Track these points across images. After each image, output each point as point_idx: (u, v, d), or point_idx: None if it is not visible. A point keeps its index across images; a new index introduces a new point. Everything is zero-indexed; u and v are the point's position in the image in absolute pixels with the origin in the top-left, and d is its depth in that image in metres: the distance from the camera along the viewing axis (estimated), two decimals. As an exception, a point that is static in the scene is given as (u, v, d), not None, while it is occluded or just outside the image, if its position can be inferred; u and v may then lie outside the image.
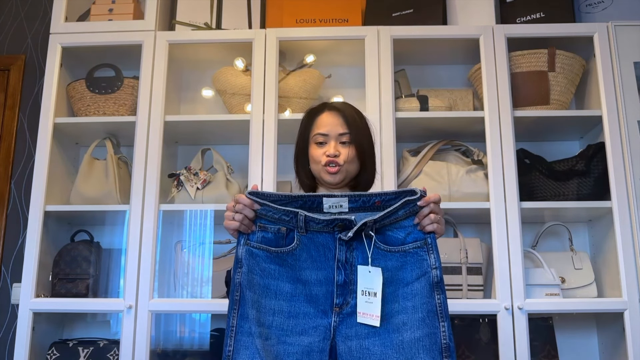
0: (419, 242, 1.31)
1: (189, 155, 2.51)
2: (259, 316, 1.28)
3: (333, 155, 1.51)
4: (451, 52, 2.51)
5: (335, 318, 1.28)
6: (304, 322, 1.28)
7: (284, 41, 2.37)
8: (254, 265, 1.30)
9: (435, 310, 1.25)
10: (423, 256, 1.29)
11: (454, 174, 2.26)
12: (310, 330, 1.27)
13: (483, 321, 2.19)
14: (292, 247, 1.31)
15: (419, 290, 1.27)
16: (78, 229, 2.42)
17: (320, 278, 1.30)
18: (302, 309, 1.29)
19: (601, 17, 2.47)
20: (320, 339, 1.27)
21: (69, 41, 2.39)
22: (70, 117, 2.43)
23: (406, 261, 1.29)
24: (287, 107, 2.41)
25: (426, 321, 1.24)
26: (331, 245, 1.30)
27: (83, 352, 2.19)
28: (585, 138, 2.48)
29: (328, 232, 1.31)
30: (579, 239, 2.43)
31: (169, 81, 2.37)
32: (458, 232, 2.28)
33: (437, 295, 1.26)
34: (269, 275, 1.30)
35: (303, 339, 1.27)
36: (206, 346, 2.30)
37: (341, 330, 1.27)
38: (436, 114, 2.31)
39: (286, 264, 1.31)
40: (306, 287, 1.30)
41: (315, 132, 1.56)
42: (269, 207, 1.31)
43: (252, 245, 1.31)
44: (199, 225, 2.37)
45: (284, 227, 1.32)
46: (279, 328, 1.27)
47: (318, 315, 1.29)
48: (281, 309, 1.29)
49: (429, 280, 1.27)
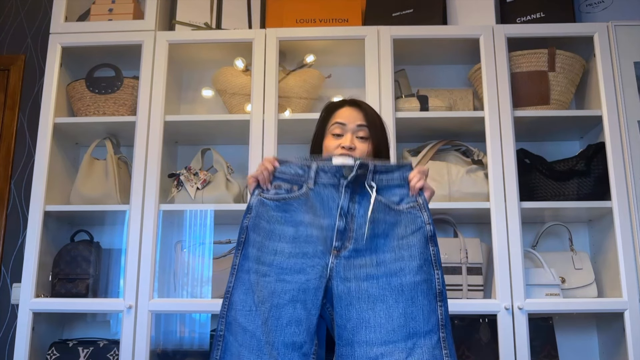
0: (412, 203, 1.39)
1: (189, 155, 2.51)
2: (260, 255, 1.35)
3: (348, 147, 1.50)
4: (451, 52, 2.51)
5: (332, 259, 1.34)
6: (302, 261, 1.34)
7: (284, 41, 2.37)
8: (262, 212, 1.39)
9: (430, 260, 1.35)
10: (416, 214, 1.38)
11: (454, 174, 2.26)
12: (308, 268, 1.33)
13: (483, 321, 2.19)
14: (301, 194, 1.38)
15: (415, 242, 1.35)
16: (78, 229, 2.42)
17: (322, 224, 1.36)
18: (301, 249, 1.35)
19: (601, 17, 2.47)
20: (317, 277, 1.32)
21: (69, 41, 2.39)
22: (70, 117, 2.43)
23: (401, 219, 1.38)
24: (287, 107, 2.41)
25: (423, 268, 1.33)
26: (336, 196, 1.37)
27: (83, 352, 2.19)
28: (585, 138, 2.48)
29: (334, 185, 1.38)
30: (579, 239, 2.43)
31: (169, 81, 2.37)
32: (458, 232, 2.28)
33: (431, 246, 1.36)
34: (275, 221, 1.38)
35: (300, 276, 1.32)
36: (206, 346, 2.30)
37: (339, 271, 1.33)
38: (436, 114, 2.31)
39: (291, 209, 1.38)
40: (308, 230, 1.36)
41: (334, 121, 1.54)
42: (288, 163, 1.43)
43: (264, 196, 1.40)
44: (199, 225, 2.37)
45: (296, 186, 1.40)
46: (279, 267, 1.34)
47: (316, 255, 1.34)
48: (282, 250, 1.35)
49: (424, 233, 1.36)
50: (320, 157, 1.45)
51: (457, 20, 2.45)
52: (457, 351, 2.17)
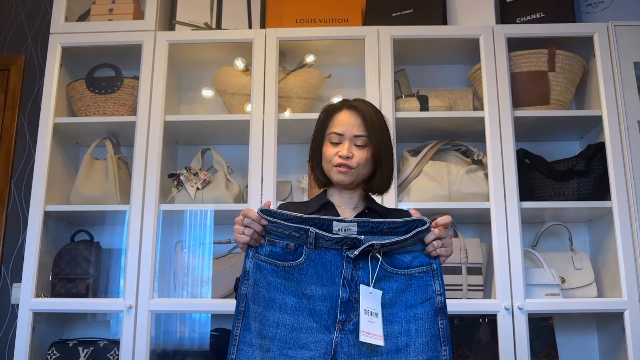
0: (425, 266, 1.32)
1: (189, 155, 2.51)
2: (262, 329, 1.29)
3: (345, 156, 1.47)
4: (451, 52, 2.51)
5: (337, 334, 1.28)
6: (306, 336, 1.28)
7: (284, 41, 2.37)
8: (260, 278, 1.31)
9: (438, 335, 1.27)
10: (428, 281, 1.31)
11: (454, 174, 2.26)
12: (312, 344, 1.28)
13: (483, 321, 2.19)
14: (300, 261, 1.32)
15: (423, 314, 1.28)
16: (78, 229, 2.42)
17: (325, 294, 1.30)
18: (305, 323, 1.29)
19: (601, 17, 2.47)
20: (321, 354, 1.27)
21: (69, 41, 2.39)
22: (70, 117, 2.43)
23: (411, 284, 1.30)
24: (287, 107, 2.41)
25: (429, 345, 1.26)
26: (338, 262, 1.31)
27: (83, 352, 2.19)
28: (585, 138, 2.48)
29: (336, 250, 1.32)
30: (579, 239, 2.43)
31: (169, 81, 2.37)
32: (458, 232, 2.28)
33: (440, 320, 1.28)
34: (274, 289, 1.31)
35: (304, 352, 1.27)
36: (206, 346, 2.30)
37: (343, 347, 1.27)
38: (436, 114, 2.31)
39: (292, 278, 1.31)
40: (310, 302, 1.30)
41: (331, 131, 1.51)
42: (280, 224, 1.33)
43: (260, 258, 1.33)
44: (199, 225, 2.37)
45: (292, 243, 1.33)
46: (282, 341, 1.28)
47: (320, 330, 1.29)
48: (284, 322, 1.29)
49: (434, 305, 1.29)
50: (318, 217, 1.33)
51: (457, 20, 2.45)
52: (457, 351, 2.17)
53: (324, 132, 1.54)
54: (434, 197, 2.23)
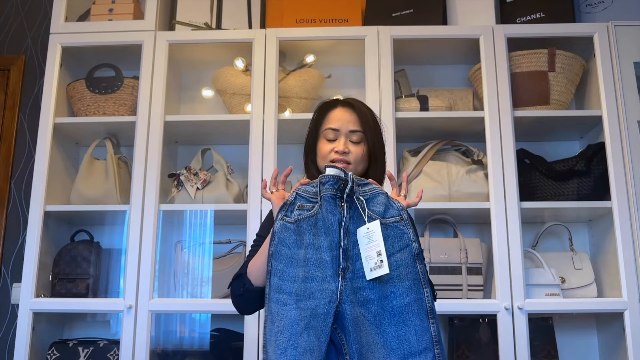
0: (395, 217, 1.38)
1: (189, 155, 2.51)
2: (281, 284, 1.34)
3: (342, 152, 1.49)
4: (451, 52, 2.51)
5: (341, 282, 1.32)
6: (311, 285, 1.32)
7: (284, 41, 2.37)
8: (284, 237, 1.37)
9: (418, 278, 1.34)
10: (403, 230, 1.37)
11: (454, 174, 2.26)
12: (317, 293, 1.31)
13: (483, 321, 2.19)
14: (310, 214, 1.37)
15: (403, 260, 1.35)
16: (78, 229, 2.42)
17: (329, 244, 1.35)
18: (312, 273, 1.33)
19: (601, 17, 2.47)
20: (326, 302, 1.30)
21: (69, 41, 2.39)
22: (70, 117, 2.43)
23: (388, 234, 1.36)
24: (287, 107, 2.41)
25: (412, 288, 1.33)
26: (335, 211, 1.36)
27: (83, 352, 2.19)
28: (585, 138, 2.48)
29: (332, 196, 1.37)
30: (579, 239, 2.43)
31: (169, 81, 2.37)
32: (458, 232, 2.28)
33: (418, 264, 1.35)
34: (295, 246, 1.36)
35: (310, 302, 1.31)
36: (206, 346, 2.30)
37: (348, 294, 1.31)
38: (436, 114, 2.31)
39: (304, 231, 1.37)
40: (317, 252, 1.35)
41: (326, 127, 1.53)
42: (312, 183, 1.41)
43: (287, 220, 1.38)
44: (199, 225, 2.37)
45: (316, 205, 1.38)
46: (296, 294, 1.32)
47: (325, 279, 1.33)
48: (298, 276, 1.33)
49: (411, 252, 1.36)
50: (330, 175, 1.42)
51: (457, 20, 2.45)
52: (457, 351, 2.17)
53: (319, 129, 1.56)
54: (434, 197, 2.23)
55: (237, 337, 2.23)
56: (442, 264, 2.19)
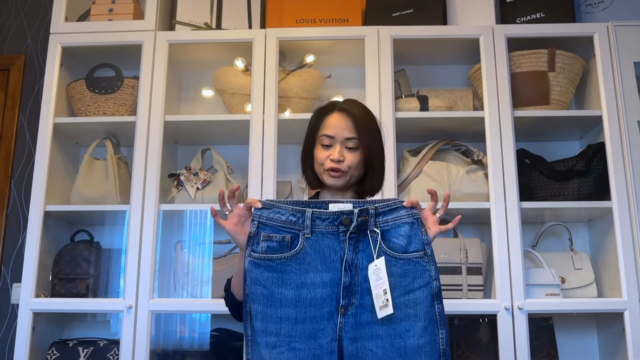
0: (420, 252, 1.34)
1: (189, 155, 2.51)
2: (266, 326, 1.29)
3: (337, 160, 1.48)
4: (451, 52, 2.51)
5: (341, 319, 1.29)
6: (310, 326, 1.29)
7: (284, 41, 2.37)
8: (257, 275, 1.31)
9: (435, 319, 1.30)
10: (425, 267, 1.33)
11: (454, 174, 2.26)
12: (318, 333, 1.28)
13: (483, 321, 2.19)
14: (296, 250, 1.32)
15: (422, 299, 1.31)
16: (78, 229, 2.42)
17: (325, 280, 1.31)
18: (308, 314, 1.29)
19: (601, 17, 2.47)
20: (329, 340, 1.28)
21: (69, 41, 2.39)
22: (70, 117, 2.43)
23: (409, 269, 1.32)
24: (287, 107, 2.41)
25: (428, 329, 1.29)
26: (337, 247, 1.32)
27: (83, 352, 2.19)
28: (585, 138, 2.48)
29: (333, 233, 1.33)
30: (579, 239, 2.43)
31: (169, 81, 2.37)
32: (458, 232, 2.28)
33: (437, 304, 1.32)
34: (272, 284, 1.31)
35: (311, 342, 1.28)
36: (206, 346, 2.29)
37: (347, 331, 1.29)
38: (436, 114, 2.31)
39: (290, 269, 1.31)
40: (310, 291, 1.31)
41: (322, 133, 1.51)
42: (277, 208, 1.34)
43: (255, 256, 1.33)
44: (199, 225, 2.37)
45: (289, 236, 1.33)
46: (287, 335, 1.28)
47: (324, 317, 1.29)
48: (287, 316, 1.29)
49: (431, 290, 1.32)
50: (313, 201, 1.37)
51: (457, 20, 2.45)
52: (457, 351, 2.17)
53: (315, 134, 1.54)
54: (434, 197, 2.23)
55: (237, 337, 2.23)
56: (442, 264, 2.18)
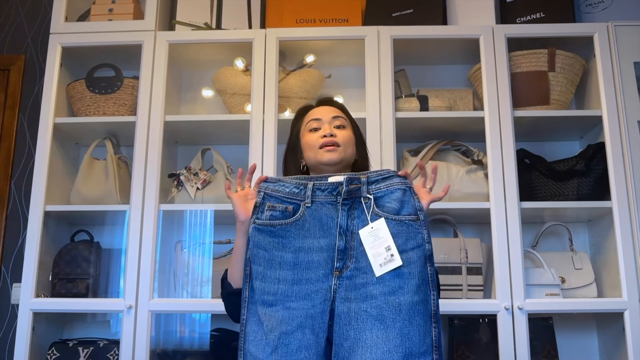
0: (412, 215, 1.38)
1: (189, 155, 2.51)
2: (264, 286, 1.35)
3: (329, 134, 1.52)
4: (451, 52, 2.51)
5: (335, 281, 1.33)
6: (306, 287, 1.33)
7: (284, 41, 2.37)
8: (259, 240, 1.38)
9: (427, 280, 1.33)
10: (418, 229, 1.36)
11: (454, 174, 2.26)
12: (312, 294, 1.32)
13: (483, 321, 2.19)
14: (296, 217, 1.38)
15: (415, 259, 1.33)
16: (78, 229, 2.42)
17: (322, 245, 1.35)
18: (304, 275, 1.34)
19: (601, 17, 2.47)
20: (321, 301, 1.32)
21: (69, 41, 2.39)
22: (70, 117, 2.43)
23: (402, 230, 1.35)
24: (287, 107, 2.41)
25: (421, 288, 1.31)
26: (334, 214, 1.37)
27: (83, 352, 2.19)
28: (585, 138, 2.48)
29: (331, 202, 1.38)
30: (579, 239, 2.43)
31: (169, 81, 2.37)
32: (458, 232, 2.28)
33: (429, 267, 1.34)
34: (273, 248, 1.37)
35: (305, 302, 1.32)
36: (206, 346, 2.29)
37: (341, 293, 1.32)
38: (436, 114, 2.31)
39: (289, 234, 1.37)
40: (308, 255, 1.35)
41: (307, 121, 1.58)
42: (283, 181, 1.42)
43: (259, 223, 1.39)
44: (199, 225, 2.37)
45: (291, 206, 1.39)
46: (284, 295, 1.33)
47: (319, 279, 1.34)
48: (285, 278, 1.34)
49: (424, 252, 1.35)
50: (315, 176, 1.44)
51: (457, 20, 2.45)
52: (457, 351, 2.17)
53: (299, 129, 1.61)
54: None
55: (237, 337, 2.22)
56: (442, 264, 2.18)
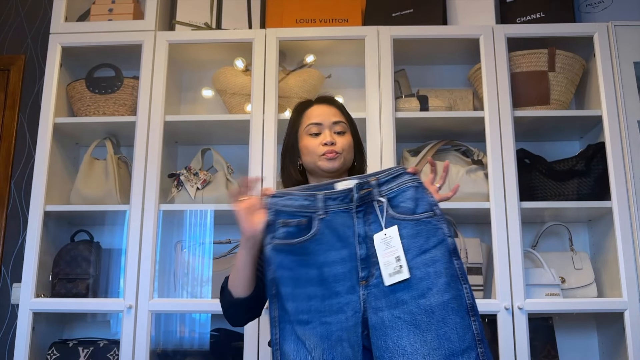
0: (428, 212, 1.34)
1: (189, 155, 2.51)
2: (297, 305, 1.31)
3: (330, 142, 1.51)
4: (451, 52, 2.51)
5: (363, 291, 1.30)
6: (337, 300, 1.30)
7: (284, 41, 2.37)
8: (281, 260, 1.33)
9: (456, 275, 1.29)
10: (437, 225, 1.32)
11: (454, 174, 2.26)
12: (344, 306, 1.29)
13: (483, 321, 2.19)
14: (313, 233, 1.33)
15: (439, 257, 1.29)
16: (78, 229, 2.42)
17: (344, 256, 1.32)
18: (333, 289, 1.31)
19: (601, 17, 2.47)
20: (353, 313, 1.29)
21: (69, 41, 2.39)
22: (70, 117, 2.43)
23: (420, 230, 1.32)
24: (287, 107, 2.41)
25: (451, 284, 1.27)
26: (349, 222, 1.33)
27: (83, 352, 2.19)
28: (585, 138, 2.48)
29: (345, 210, 1.34)
30: (579, 239, 2.43)
31: (169, 81, 2.37)
32: (458, 232, 2.28)
33: (455, 260, 1.30)
34: (296, 266, 1.32)
35: (340, 316, 1.29)
36: (206, 346, 2.30)
37: (371, 302, 1.29)
38: (436, 114, 2.31)
39: (310, 251, 1.33)
40: (332, 268, 1.32)
41: (307, 124, 1.55)
42: (289, 195, 1.36)
43: (276, 242, 1.34)
44: (199, 225, 2.37)
45: (305, 219, 1.34)
46: (317, 311, 1.30)
47: (348, 291, 1.31)
48: (315, 294, 1.31)
49: (447, 247, 1.30)
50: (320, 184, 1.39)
51: (457, 20, 2.45)
52: (457, 351, 2.17)
53: (298, 129, 1.58)
54: (434, 197, 2.23)
55: (237, 337, 2.23)
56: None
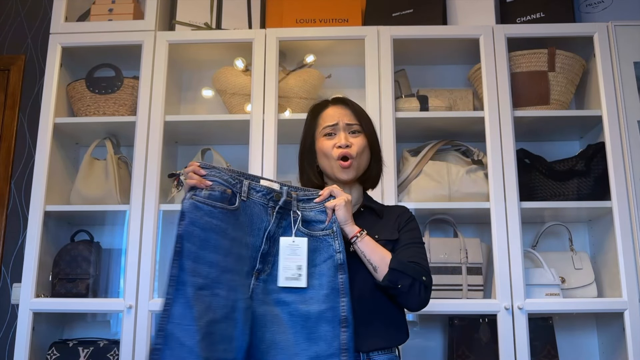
0: (327, 230, 1.42)
1: (189, 155, 2.51)
2: (196, 267, 1.32)
3: (345, 145, 1.50)
4: (451, 52, 2.51)
5: (254, 281, 1.38)
6: (234, 278, 1.34)
7: (284, 41, 2.37)
8: (196, 218, 1.34)
9: (337, 288, 1.38)
10: (330, 242, 1.41)
11: (454, 174, 2.26)
12: (239, 287, 1.35)
13: (483, 321, 2.19)
14: (235, 207, 1.38)
15: (325, 270, 1.39)
16: (78, 229, 2.42)
17: (249, 243, 1.39)
18: (234, 266, 1.35)
19: (601, 17, 2.47)
20: (246, 296, 1.35)
21: (69, 41, 2.39)
22: (70, 117, 2.43)
23: (317, 246, 1.41)
24: (287, 107, 2.41)
25: (330, 297, 1.37)
26: (263, 217, 1.41)
27: (83, 352, 2.19)
28: (585, 138, 2.48)
29: (262, 205, 1.41)
30: (579, 239, 2.43)
31: (169, 81, 2.37)
32: (458, 232, 2.28)
33: (340, 275, 1.39)
34: (210, 229, 1.34)
35: (232, 294, 1.33)
36: (206, 346, 2.29)
37: (258, 293, 1.37)
38: (436, 114, 2.31)
39: (228, 221, 1.36)
40: (239, 247, 1.37)
41: (323, 126, 1.54)
42: (219, 169, 1.40)
43: (198, 199, 1.35)
44: (199, 225, 2.36)
45: (230, 190, 1.39)
46: (214, 280, 1.32)
47: (243, 274, 1.37)
48: (217, 263, 1.33)
49: (334, 262, 1.40)
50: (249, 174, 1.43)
51: (457, 20, 2.45)
52: (457, 351, 2.17)
53: (314, 131, 1.58)
54: (434, 197, 2.23)
55: (237, 337, 2.23)
56: (442, 264, 2.19)
